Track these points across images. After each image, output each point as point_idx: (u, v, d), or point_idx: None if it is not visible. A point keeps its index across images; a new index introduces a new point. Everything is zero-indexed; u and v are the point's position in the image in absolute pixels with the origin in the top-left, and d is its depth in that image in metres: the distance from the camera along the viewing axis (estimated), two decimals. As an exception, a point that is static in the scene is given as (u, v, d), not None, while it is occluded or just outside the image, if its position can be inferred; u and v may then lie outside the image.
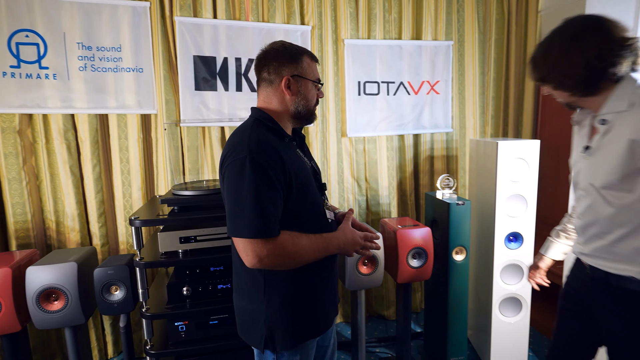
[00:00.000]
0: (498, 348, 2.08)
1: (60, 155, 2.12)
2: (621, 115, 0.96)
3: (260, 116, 1.09)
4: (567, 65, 0.97)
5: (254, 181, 0.94)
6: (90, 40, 2.09)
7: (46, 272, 1.51)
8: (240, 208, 0.95)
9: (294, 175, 1.02)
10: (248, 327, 1.10)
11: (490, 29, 2.69)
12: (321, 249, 1.04)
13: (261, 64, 1.11)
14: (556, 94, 1.07)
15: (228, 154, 1.01)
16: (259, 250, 0.95)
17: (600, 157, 1.02)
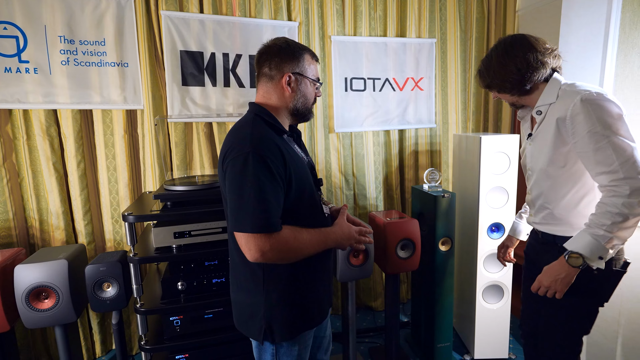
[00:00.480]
0: (481, 334, 2.18)
1: (42, 152, 2.06)
2: (551, 106, 1.22)
3: (259, 112, 1.10)
4: (504, 72, 1.24)
5: (257, 177, 0.96)
6: (72, 33, 2.03)
7: (36, 270, 1.48)
8: (243, 203, 0.97)
9: (294, 170, 1.05)
10: (246, 320, 1.13)
11: (471, 27, 2.78)
12: (320, 243, 1.07)
13: (262, 58, 1.12)
14: (501, 96, 1.32)
15: (229, 150, 1.02)
16: (262, 244, 0.97)
17: (539, 141, 1.27)
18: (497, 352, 2.20)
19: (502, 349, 2.20)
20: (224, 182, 1.04)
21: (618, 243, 1.08)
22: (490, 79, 1.28)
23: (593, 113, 1.09)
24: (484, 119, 2.91)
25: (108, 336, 2.31)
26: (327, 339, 1.38)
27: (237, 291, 1.16)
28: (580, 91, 1.13)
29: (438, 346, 2.15)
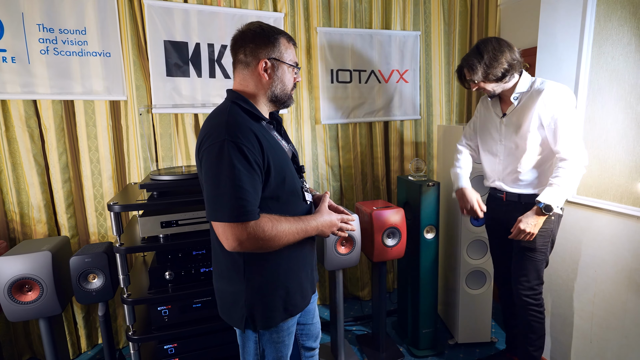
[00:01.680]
0: (465, 319, 2.25)
1: (22, 144, 2.01)
2: (525, 94, 1.62)
3: (236, 99, 1.08)
4: (497, 64, 1.56)
5: (233, 165, 0.94)
6: (51, 22, 1.98)
7: (18, 262, 1.46)
8: (220, 192, 0.95)
9: (272, 158, 1.03)
10: (229, 309, 1.13)
11: (454, 20, 2.83)
12: (300, 231, 1.06)
13: (237, 45, 1.09)
14: (485, 85, 1.63)
15: (205, 138, 0.99)
16: (239, 233, 0.95)
17: (514, 120, 1.65)
18: (480, 336, 2.27)
19: (484, 333, 2.27)
20: (201, 171, 1.03)
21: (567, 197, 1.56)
22: (485, 70, 1.57)
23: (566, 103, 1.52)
24: (467, 110, 2.98)
25: (94, 331, 2.29)
26: (316, 326, 1.39)
27: (219, 280, 1.15)
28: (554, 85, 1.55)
29: (423, 332, 2.20)
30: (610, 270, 1.69)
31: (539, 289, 1.70)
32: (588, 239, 1.77)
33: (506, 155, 1.72)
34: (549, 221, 1.62)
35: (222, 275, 1.13)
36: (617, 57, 1.60)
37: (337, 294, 2.03)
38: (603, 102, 1.66)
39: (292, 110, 2.52)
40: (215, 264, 1.17)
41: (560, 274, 1.91)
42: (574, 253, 1.84)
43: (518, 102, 1.64)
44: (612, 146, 1.64)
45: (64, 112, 2.08)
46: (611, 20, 1.60)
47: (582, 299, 1.82)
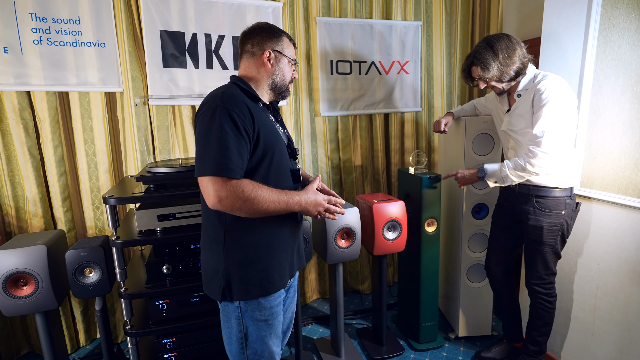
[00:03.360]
0: (465, 312, 2.23)
1: (16, 136, 1.98)
2: (526, 91, 1.62)
3: (237, 80, 1.18)
4: (511, 63, 1.56)
5: (222, 127, 1.01)
6: (44, 11, 1.94)
7: (13, 256, 1.43)
8: (207, 150, 1.02)
9: (263, 131, 1.09)
10: (210, 280, 1.16)
11: (456, 10, 2.78)
12: (281, 202, 1.08)
13: (246, 38, 1.21)
14: (496, 85, 1.63)
15: (201, 106, 1.09)
16: (219, 188, 1.00)
17: (515, 115, 1.67)
18: (481, 330, 2.26)
19: (485, 326, 2.26)
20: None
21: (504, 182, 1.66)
22: (499, 69, 1.56)
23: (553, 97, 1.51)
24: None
25: (92, 325, 2.27)
26: (289, 318, 1.37)
27: (203, 252, 1.20)
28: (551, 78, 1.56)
29: (424, 325, 2.19)
30: (613, 263, 1.67)
31: (548, 278, 1.73)
32: (591, 232, 1.75)
33: (515, 148, 1.73)
34: (558, 216, 1.64)
35: (205, 248, 1.18)
36: (623, 46, 1.56)
37: (337, 287, 2.02)
38: (609, 92, 1.63)
39: (291, 102, 2.48)
40: (202, 238, 1.22)
41: (563, 267, 1.89)
42: (577, 246, 1.82)
43: (521, 98, 1.65)
44: (617, 137, 1.61)
45: (58, 104, 2.04)
46: (618, 7, 1.56)
47: (585, 292, 1.80)
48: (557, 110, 1.50)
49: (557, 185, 1.63)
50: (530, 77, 1.61)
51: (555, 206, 1.63)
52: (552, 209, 1.64)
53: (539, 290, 1.75)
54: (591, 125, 1.71)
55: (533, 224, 1.67)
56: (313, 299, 2.78)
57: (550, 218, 1.64)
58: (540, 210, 1.65)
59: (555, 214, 1.63)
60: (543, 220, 1.65)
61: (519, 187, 1.73)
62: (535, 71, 1.62)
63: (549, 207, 1.64)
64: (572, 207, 1.65)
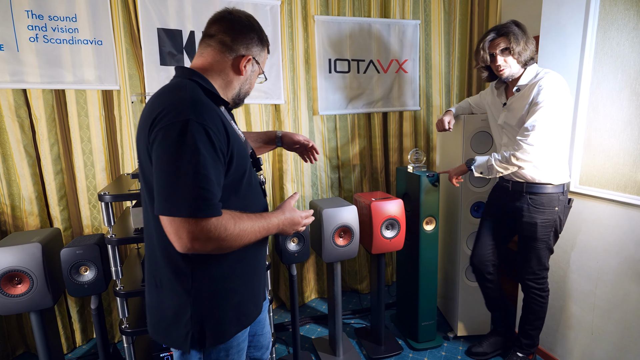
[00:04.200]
0: (464, 311, 2.22)
1: (12, 134, 1.96)
2: (525, 86, 1.63)
3: (195, 77, 0.93)
4: (530, 46, 1.61)
5: (197, 149, 0.80)
6: (40, 8, 1.93)
7: (7, 254, 1.41)
8: (180, 181, 0.79)
9: (236, 147, 0.92)
10: (168, 326, 0.94)
11: (455, 9, 2.77)
12: (262, 229, 0.94)
13: (225, 24, 0.97)
14: (512, 63, 1.63)
15: (161, 115, 0.82)
16: (197, 231, 0.80)
17: (513, 109, 1.67)
18: (480, 329, 2.25)
19: (484, 325, 2.25)
20: (147, 156, 0.86)
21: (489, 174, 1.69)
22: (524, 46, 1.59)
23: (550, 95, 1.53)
24: (467, 101, 2.93)
25: (88, 324, 2.25)
26: (266, 337, 1.25)
27: (155, 292, 0.96)
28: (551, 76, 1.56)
29: (422, 324, 2.18)
30: (612, 260, 1.66)
31: (541, 273, 1.76)
32: (590, 229, 1.74)
33: (507, 145, 1.73)
34: (551, 212, 1.65)
35: (162, 287, 0.94)
36: (622, 43, 1.55)
37: (335, 286, 2.00)
38: (608, 89, 1.62)
39: (289, 101, 2.47)
40: (151, 273, 0.97)
41: (562, 265, 1.89)
42: (576, 243, 1.81)
43: (519, 93, 1.65)
44: (616, 134, 1.60)
45: (55, 102, 2.03)
46: (617, 4, 1.56)
47: (584, 290, 1.79)
48: (553, 107, 1.51)
49: (550, 181, 1.64)
50: (533, 73, 1.62)
51: (549, 203, 1.65)
52: (545, 206, 1.65)
53: (532, 285, 1.77)
54: (590, 122, 1.70)
55: (527, 221, 1.68)
56: (311, 298, 2.76)
57: (544, 215, 1.65)
58: (534, 207, 1.66)
59: (549, 211, 1.65)
60: (537, 217, 1.66)
61: (513, 185, 1.74)
62: (537, 68, 1.64)
63: (542, 203, 1.65)
64: (564, 203, 1.67)
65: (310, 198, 2.63)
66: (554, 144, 1.59)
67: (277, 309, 2.67)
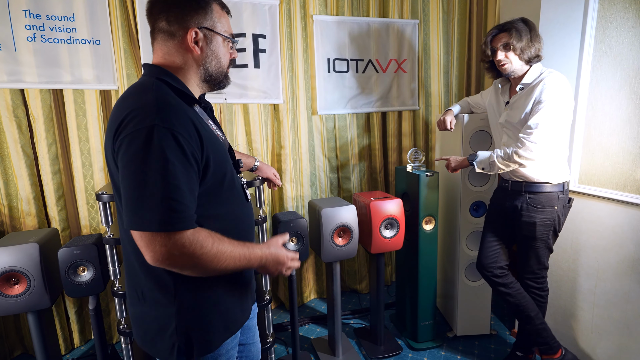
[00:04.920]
0: (463, 311, 2.22)
1: (10, 134, 1.95)
2: (529, 85, 1.60)
3: (161, 74, 0.86)
4: (535, 44, 1.58)
5: (165, 158, 0.74)
6: (38, 7, 1.92)
7: (4, 254, 1.41)
8: (147, 193, 0.73)
9: (212, 151, 0.85)
10: (153, 337, 0.90)
11: (453, 8, 2.77)
12: (242, 258, 0.85)
13: (157, 9, 0.87)
14: (514, 59, 1.60)
15: (125, 121, 0.76)
16: (171, 246, 0.75)
17: (515, 108, 1.65)
18: (479, 329, 2.24)
19: (484, 325, 2.24)
20: (115, 166, 0.80)
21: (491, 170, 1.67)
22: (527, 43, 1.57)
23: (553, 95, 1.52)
24: (466, 101, 2.93)
25: (86, 325, 2.24)
26: (256, 346, 1.18)
27: (138, 304, 0.91)
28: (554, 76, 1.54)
29: (422, 324, 2.17)
30: (612, 260, 1.66)
31: (540, 273, 1.74)
32: (590, 229, 1.74)
33: (507, 144, 1.72)
34: (550, 211, 1.64)
35: (144, 299, 0.89)
36: (621, 41, 1.55)
37: (334, 286, 2.00)
38: (606, 88, 1.62)
39: (288, 100, 2.47)
40: (131, 286, 0.92)
41: (561, 265, 1.88)
42: (575, 243, 1.81)
43: (522, 92, 1.64)
44: (615, 133, 1.60)
45: (52, 102, 2.02)
46: (615, 3, 1.56)
47: (583, 289, 1.79)
48: (556, 106, 1.51)
49: (549, 180, 1.62)
50: (537, 72, 1.62)
51: (548, 202, 1.63)
52: (545, 205, 1.64)
53: (531, 285, 1.76)
54: (589, 121, 1.70)
55: (526, 220, 1.67)
56: (310, 298, 2.76)
57: (543, 214, 1.64)
58: (533, 207, 1.65)
59: (548, 210, 1.64)
60: (536, 217, 1.65)
61: (512, 185, 1.73)
62: (542, 68, 1.63)
63: (541, 203, 1.64)
64: (564, 203, 1.66)
65: (309, 198, 2.63)
66: (554, 142, 1.59)
67: (276, 309, 2.66)
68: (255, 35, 2.31)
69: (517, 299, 1.74)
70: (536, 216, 1.65)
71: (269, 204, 2.56)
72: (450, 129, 2.00)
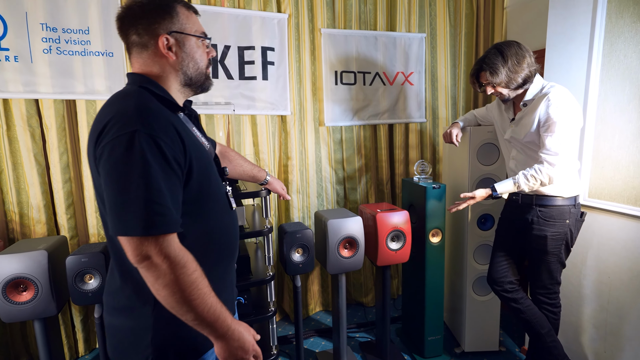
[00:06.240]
0: (472, 326, 2.17)
1: (23, 143, 2.00)
2: (532, 101, 1.61)
3: (144, 82, 0.86)
4: (519, 69, 1.55)
5: (147, 162, 0.74)
6: (55, 21, 1.98)
7: (13, 261, 1.43)
8: (130, 199, 0.73)
9: (195, 158, 0.85)
10: (126, 349, 0.88)
11: (460, 23, 2.80)
12: (212, 312, 0.79)
13: (126, 25, 0.88)
14: (501, 91, 1.62)
15: (107, 128, 0.76)
16: (157, 249, 0.75)
17: (521, 125, 1.64)
18: (488, 345, 2.19)
19: (492, 341, 2.19)
20: (98, 173, 0.79)
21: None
22: (508, 75, 1.56)
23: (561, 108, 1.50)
24: (473, 114, 2.92)
25: (92, 334, 2.24)
26: None
27: (115, 313, 0.88)
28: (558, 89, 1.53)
29: (429, 339, 2.13)
30: (624, 276, 1.62)
31: (552, 288, 1.70)
32: (600, 243, 1.71)
33: (518, 158, 1.72)
34: (562, 225, 1.61)
35: (121, 308, 0.87)
36: (629, 55, 1.55)
37: (339, 298, 1.98)
38: (615, 102, 1.61)
39: (295, 112, 2.49)
40: (110, 295, 0.90)
41: (572, 280, 1.85)
42: (586, 258, 1.78)
43: (526, 108, 1.63)
44: (625, 146, 1.58)
45: (65, 112, 2.07)
46: (623, 17, 1.56)
47: (595, 306, 1.75)
48: (568, 121, 1.49)
49: (560, 194, 1.60)
50: (538, 87, 1.60)
51: (560, 215, 1.60)
52: (556, 218, 1.61)
53: (543, 300, 1.72)
54: (598, 134, 1.69)
55: (537, 234, 1.64)
56: (315, 311, 2.73)
57: (555, 227, 1.61)
58: (544, 220, 1.62)
59: (560, 223, 1.60)
60: (547, 230, 1.62)
61: (522, 198, 1.70)
62: (542, 82, 1.62)
63: (552, 216, 1.61)
64: (576, 216, 1.63)
65: (315, 209, 2.62)
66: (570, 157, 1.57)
67: (280, 321, 2.64)
68: (264, 48, 2.35)
69: (528, 314, 1.71)
70: (547, 229, 1.62)
71: (275, 214, 2.56)
72: (457, 142, 2.00)
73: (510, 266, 1.79)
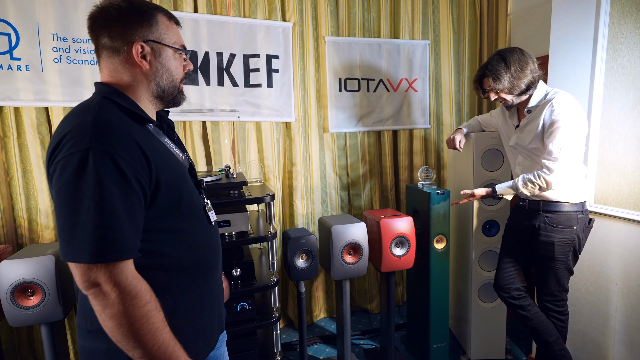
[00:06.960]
0: (477, 334, 2.15)
1: (33, 150, 2.04)
2: (536, 107, 1.60)
3: (109, 93, 0.81)
4: (522, 77, 1.56)
5: (100, 182, 0.69)
6: (65, 31, 2.03)
7: (21, 265, 1.45)
8: (80, 222, 0.68)
9: (163, 172, 0.79)
10: None
11: (464, 29, 2.81)
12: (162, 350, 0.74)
13: (98, 25, 0.83)
14: (505, 97, 1.63)
15: (60, 145, 0.71)
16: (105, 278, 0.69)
17: (526, 131, 1.64)
18: (494, 353, 2.17)
19: (498, 349, 2.17)
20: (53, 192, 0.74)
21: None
22: (511, 81, 1.57)
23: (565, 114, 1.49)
24: (477, 120, 2.92)
25: (97, 339, 2.25)
26: None
27: (88, 336, 0.82)
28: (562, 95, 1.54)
29: (434, 347, 2.11)
30: (632, 283, 1.60)
31: (560, 295, 1.68)
32: (607, 249, 1.69)
33: (524, 164, 1.72)
34: (570, 231, 1.59)
35: (92, 330, 0.80)
36: (633, 60, 1.55)
37: (344, 305, 1.97)
38: (620, 107, 1.61)
39: (299, 118, 2.52)
40: (82, 314, 0.83)
41: (579, 287, 1.82)
42: (593, 265, 1.76)
43: (531, 114, 1.63)
44: (630, 152, 1.57)
45: (74, 119, 2.11)
46: (626, 22, 1.56)
47: (603, 314, 1.72)
48: (571, 127, 1.49)
49: (567, 200, 1.59)
50: (542, 93, 1.60)
51: (567, 221, 1.59)
52: (563, 225, 1.59)
53: (551, 308, 1.69)
54: (603, 140, 1.68)
55: (544, 240, 1.62)
56: (320, 317, 2.72)
57: (562, 234, 1.59)
58: (551, 226, 1.61)
59: (567, 230, 1.59)
60: (554, 236, 1.60)
61: (529, 204, 1.69)
62: (546, 88, 1.62)
63: (560, 222, 1.60)
64: (584, 223, 1.61)
65: (319, 215, 2.63)
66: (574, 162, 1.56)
67: (285, 327, 2.63)
68: (268, 55, 2.39)
69: (535, 322, 1.68)
70: (554, 236, 1.60)
71: (279, 220, 2.57)
72: (460, 148, 2.00)
73: (517, 272, 1.77)
